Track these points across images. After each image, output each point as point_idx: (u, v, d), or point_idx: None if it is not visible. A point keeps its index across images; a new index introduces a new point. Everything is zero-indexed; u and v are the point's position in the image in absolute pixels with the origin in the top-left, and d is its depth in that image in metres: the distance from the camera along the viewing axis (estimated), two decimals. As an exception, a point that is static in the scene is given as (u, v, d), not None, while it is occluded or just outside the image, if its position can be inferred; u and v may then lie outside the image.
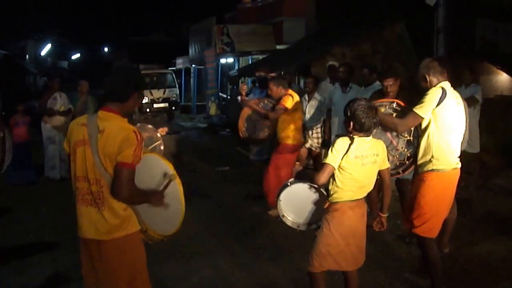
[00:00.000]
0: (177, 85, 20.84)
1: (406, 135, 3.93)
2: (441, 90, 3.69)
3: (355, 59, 11.39)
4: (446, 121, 3.71)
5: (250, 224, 5.89)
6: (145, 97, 19.11)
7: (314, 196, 3.61)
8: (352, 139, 3.20)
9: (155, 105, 19.05)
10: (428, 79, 3.81)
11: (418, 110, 3.69)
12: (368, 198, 5.79)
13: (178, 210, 3.12)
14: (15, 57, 27.70)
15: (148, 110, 18.56)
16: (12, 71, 22.43)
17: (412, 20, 10.98)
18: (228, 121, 15.08)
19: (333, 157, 3.20)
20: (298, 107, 6.09)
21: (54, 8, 39.74)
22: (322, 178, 3.23)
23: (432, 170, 3.76)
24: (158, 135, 5.80)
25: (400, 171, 4.03)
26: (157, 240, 2.94)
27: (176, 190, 3.11)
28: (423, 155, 3.80)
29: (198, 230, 5.69)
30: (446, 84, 3.77)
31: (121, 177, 2.57)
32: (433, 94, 3.68)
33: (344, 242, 3.29)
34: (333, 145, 3.22)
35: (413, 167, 3.99)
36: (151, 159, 3.05)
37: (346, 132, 3.31)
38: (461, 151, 4.55)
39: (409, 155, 3.96)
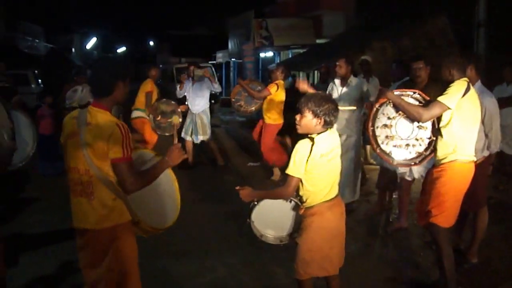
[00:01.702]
0: (216, 79, 20.83)
1: (426, 126, 3.88)
2: (466, 83, 3.73)
3: (395, 53, 11.02)
4: (469, 113, 3.73)
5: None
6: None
7: (286, 205, 3.37)
8: (312, 139, 3.01)
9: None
10: (452, 72, 3.80)
11: (444, 99, 3.67)
12: (399, 201, 5.62)
13: (174, 205, 3.15)
14: (61, 50, 28.56)
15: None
16: (58, 64, 23.05)
17: (453, 13, 10.49)
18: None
19: (296, 168, 3.01)
20: (282, 95, 7.51)
21: (100, 2, 40.76)
22: (289, 191, 3.08)
23: (455, 160, 3.74)
24: (179, 110, 7.97)
25: (418, 161, 3.99)
26: (151, 233, 2.95)
27: (172, 186, 3.17)
28: (445, 146, 3.78)
29: (215, 228, 5.62)
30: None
31: (119, 172, 2.64)
32: (459, 85, 3.70)
33: (327, 246, 3.14)
34: (294, 154, 3.02)
35: (428, 158, 3.94)
36: (138, 155, 3.07)
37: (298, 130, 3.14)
38: (496, 151, 4.35)
39: (427, 146, 3.91)
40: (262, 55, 19.99)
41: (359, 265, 4.53)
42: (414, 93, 3.95)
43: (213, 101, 19.65)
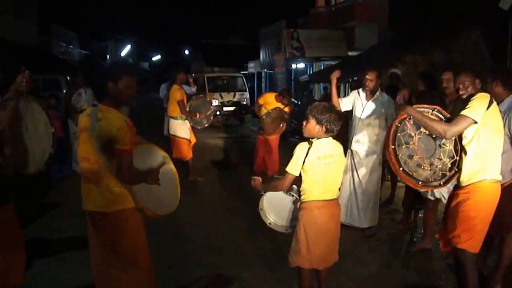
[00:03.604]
0: (247, 89, 20.74)
1: (448, 145, 3.68)
2: (488, 95, 3.55)
3: (427, 67, 10.85)
4: (494, 127, 3.56)
5: (288, 238, 5.66)
6: (215, 100, 19.28)
7: (289, 198, 3.74)
8: (310, 143, 3.36)
9: (225, 108, 19.01)
10: (471, 87, 3.68)
11: (468, 113, 3.47)
12: (424, 220, 5.48)
13: (174, 195, 3.52)
14: (95, 57, 29.13)
15: (218, 112, 18.50)
16: (91, 70, 23.42)
17: (486, 27, 10.24)
18: (298, 127, 14.74)
19: (292, 165, 3.39)
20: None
21: (135, 10, 41.59)
22: (284, 185, 3.48)
23: (483, 180, 3.55)
24: (208, 99, 8.42)
25: (442, 183, 3.76)
26: (153, 217, 3.28)
27: (172, 177, 3.53)
28: (472, 165, 3.58)
29: (232, 241, 5.54)
30: None
31: (121, 162, 3.00)
32: (482, 98, 3.51)
33: (312, 241, 3.42)
34: (294, 153, 3.39)
35: (454, 179, 3.74)
36: (149, 150, 3.45)
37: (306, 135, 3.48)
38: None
39: (450, 166, 3.69)
40: (294, 66, 19.91)
41: (379, 286, 4.44)
42: (434, 109, 3.74)
43: (243, 111, 19.71)
